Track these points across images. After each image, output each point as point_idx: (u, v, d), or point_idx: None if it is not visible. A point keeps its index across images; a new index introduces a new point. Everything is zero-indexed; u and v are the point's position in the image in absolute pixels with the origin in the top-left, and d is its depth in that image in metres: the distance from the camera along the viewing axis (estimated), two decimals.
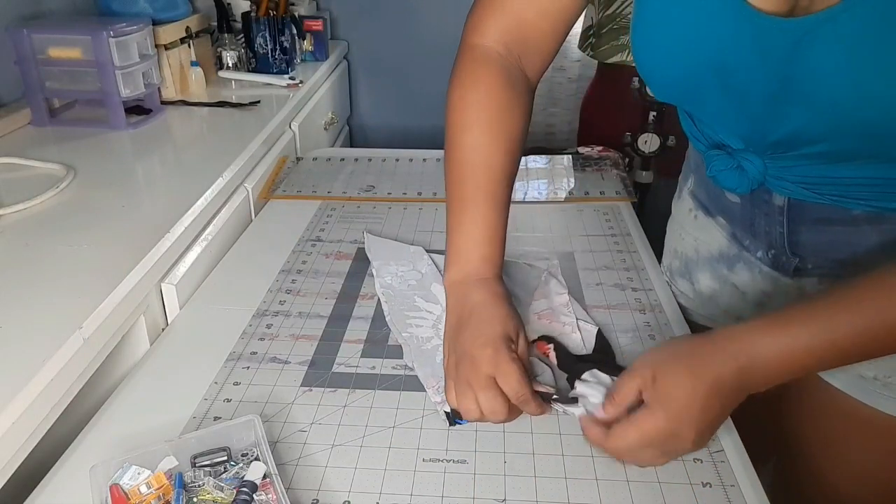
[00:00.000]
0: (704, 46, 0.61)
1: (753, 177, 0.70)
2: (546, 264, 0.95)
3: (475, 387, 0.62)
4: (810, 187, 0.68)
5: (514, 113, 0.74)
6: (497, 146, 0.72)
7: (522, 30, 0.74)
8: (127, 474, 0.57)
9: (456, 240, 0.73)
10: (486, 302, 0.69)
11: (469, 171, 0.72)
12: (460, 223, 0.73)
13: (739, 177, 0.71)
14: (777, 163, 0.68)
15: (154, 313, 0.86)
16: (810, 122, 0.59)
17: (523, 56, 0.75)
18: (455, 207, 0.73)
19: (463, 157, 0.73)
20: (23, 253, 0.84)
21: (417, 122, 2.15)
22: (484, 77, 0.73)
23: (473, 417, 0.63)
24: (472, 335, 0.66)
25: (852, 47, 0.52)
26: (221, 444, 0.61)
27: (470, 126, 0.73)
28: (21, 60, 1.22)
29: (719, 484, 0.61)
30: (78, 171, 1.06)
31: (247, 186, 1.16)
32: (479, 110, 0.73)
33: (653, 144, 1.63)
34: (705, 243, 0.86)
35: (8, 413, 0.59)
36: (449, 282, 0.73)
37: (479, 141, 0.72)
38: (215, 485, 0.57)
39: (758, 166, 0.69)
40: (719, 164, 0.72)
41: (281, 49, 1.67)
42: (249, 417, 0.63)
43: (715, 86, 0.63)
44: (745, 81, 0.60)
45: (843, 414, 0.74)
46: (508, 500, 0.60)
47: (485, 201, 0.72)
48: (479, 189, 0.72)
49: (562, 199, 1.16)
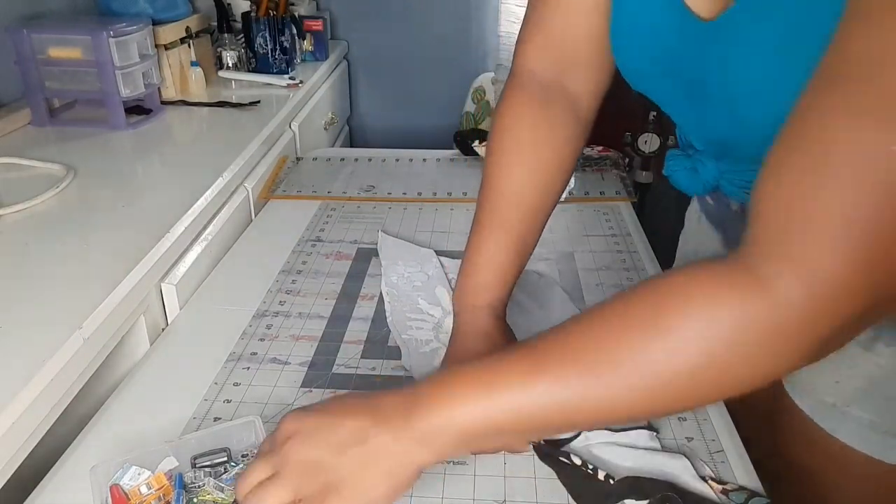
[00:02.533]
0: (651, 45, 0.61)
1: (706, 179, 0.69)
2: (546, 264, 0.95)
3: None
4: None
5: (548, 143, 0.70)
6: (520, 176, 0.70)
7: (565, 48, 0.70)
8: (127, 475, 0.58)
9: (463, 261, 0.72)
10: (464, 335, 0.68)
11: (489, 199, 0.71)
12: (470, 249, 0.71)
13: (692, 178, 0.70)
14: (726, 166, 0.68)
15: (154, 313, 0.86)
16: (728, 126, 0.59)
17: (568, 76, 0.71)
18: (472, 233, 0.72)
19: (487, 185, 0.71)
20: (23, 253, 0.84)
21: (417, 122, 2.15)
22: (521, 104, 0.71)
23: None
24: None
25: (739, 53, 0.53)
26: (222, 445, 0.61)
27: (497, 153, 0.71)
28: (21, 60, 1.22)
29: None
30: (78, 171, 1.06)
31: (247, 186, 1.16)
32: (511, 140, 0.71)
33: (653, 144, 1.63)
34: (704, 247, 0.86)
35: (8, 413, 0.59)
36: (457, 303, 0.72)
37: (504, 171, 0.70)
38: (215, 485, 0.57)
39: (711, 170, 0.68)
40: (675, 165, 0.72)
41: (281, 49, 1.67)
42: (250, 418, 0.63)
43: (666, 85, 0.63)
44: (681, 82, 0.61)
45: (809, 440, 0.71)
46: (508, 501, 0.60)
47: (495, 230, 0.70)
48: (492, 217, 0.70)
49: (562, 200, 1.15)
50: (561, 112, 0.71)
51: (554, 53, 0.70)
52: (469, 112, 2.01)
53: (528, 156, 0.70)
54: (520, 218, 0.69)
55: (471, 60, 2.09)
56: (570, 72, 0.71)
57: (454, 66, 2.09)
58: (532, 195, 0.70)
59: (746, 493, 0.59)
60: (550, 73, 0.71)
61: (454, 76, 2.06)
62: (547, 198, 0.71)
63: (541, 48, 0.71)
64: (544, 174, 0.70)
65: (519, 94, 0.71)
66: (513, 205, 0.69)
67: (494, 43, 2.06)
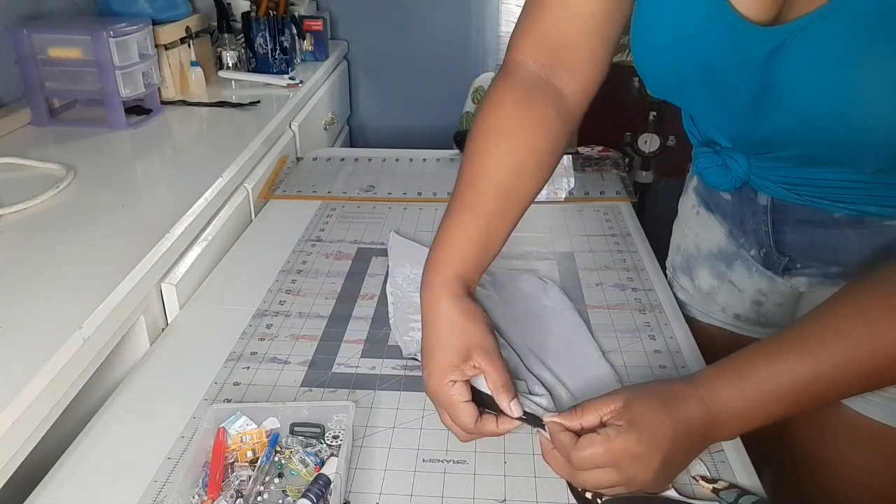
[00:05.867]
0: (692, 49, 0.62)
1: (737, 175, 0.71)
2: (546, 264, 0.95)
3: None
4: (790, 188, 0.69)
5: (526, 131, 0.70)
6: (494, 160, 0.69)
7: (558, 45, 0.71)
8: (238, 422, 0.64)
9: (431, 246, 0.71)
10: (432, 313, 0.65)
11: (463, 182, 0.70)
12: (439, 230, 0.70)
13: (723, 175, 0.72)
14: (760, 163, 0.69)
15: (154, 313, 0.86)
16: (783, 127, 0.60)
17: (558, 73, 0.72)
18: (443, 216, 0.71)
19: (462, 169, 0.71)
20: (23, 253, 0.84)
21: (417, 122, 2.15)
22: (503, 93, 0.72)
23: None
24: (424, 355, 0.64)
25: (819, 59, 0.53)
26: (320, 420, 0.66)
27: (476, 138, 0.71)
28: (21, 60, 1.22)
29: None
30: (78, 171, 1.06)
31: (247, 186, 1.16)
32: (490, 125, 0.71)
33: (653, 144, 1.63)
34: (706, 239, 0.86)
35: (8, 413, 0.59)
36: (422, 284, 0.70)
37: (478, 154, 0.70)
38: (301, 459, 0.62)
39: (742, 165, 0.70)
40: (705, 162, 0.73)
41: (281, 49, 1.67)
42: (348, 402, 0.67)
43: (702, 86, 0.64)
44: (728, 84, 0.61)
45: (836, 419, 0.74)
46: (508, 500, 0.60)
47: (464, 210, 0.69)
48: (464, 198, 0.69)
49: (562, 199, 1.16)
50: (544, 106, 0.71)
51: (545, 52, 0.71)
52: (469, 112, 2.01)
53: (504, 142, 0.70)
54: (490, 201, 0.69)
55: (471, 60, 2.09)
56: (560, 72, 0.72)
57: (454, 66, 2.09)
58: (505, 180, 0.69)
59: (737, 492, 0.59)
60: (539, 70, 0.72)
61: (454, 76, 2.07)
62: (521, 184, 0.70)
63: (533, 46, 0.72)
64: (520, 161, 0.69)
65: (505, 84, 0.72)
66: (485, 188, 0.69)
67: (494, 43, 2.06)
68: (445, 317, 0.64)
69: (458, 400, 0.61)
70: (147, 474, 0.62)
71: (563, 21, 0.70)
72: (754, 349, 0.58)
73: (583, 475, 0.57)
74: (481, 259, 0.68)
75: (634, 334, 0.81)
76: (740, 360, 0.58)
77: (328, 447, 0.64)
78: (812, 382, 0.55)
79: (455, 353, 0.62)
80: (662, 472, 0.56)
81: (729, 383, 0.57)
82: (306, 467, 0.61)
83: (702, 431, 0.56)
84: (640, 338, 0.81)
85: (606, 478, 0.56)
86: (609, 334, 0.81)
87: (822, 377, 0.55)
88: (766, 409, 0.56)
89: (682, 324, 0.84)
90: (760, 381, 0.56)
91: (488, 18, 2.05)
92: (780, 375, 0.55)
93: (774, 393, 0.55)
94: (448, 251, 0.67)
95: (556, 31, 0.71)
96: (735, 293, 0.84)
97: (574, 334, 0.80)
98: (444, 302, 0.64)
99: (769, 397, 0.56)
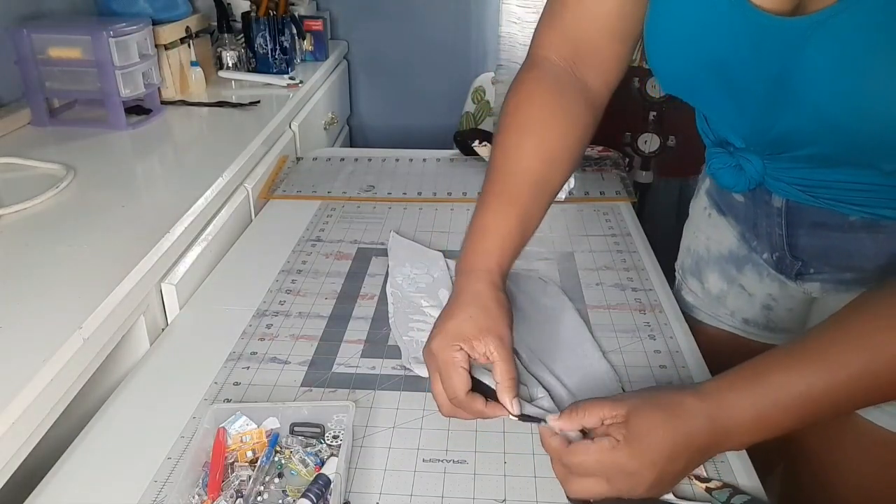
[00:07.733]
0: (705, 43, 0.61)
1: (751, 176, 0.70)
2: (546, 264, 0.95)
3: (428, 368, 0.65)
4: (806, 190, 0.68)
5: (556, 122, 0.71)
6: (528, 151, 0.70)
7: (578, 42, 0.73)
8: (238, 422, 0.64)
9: (467, 230, 0.72)
10: (456, 296, 0.67)
11: (497, 172, 0.71)
12: (475, 218, 0.71)
13: (737, 175, 0.71)
14: (775, 163, 0.69)
15: (154, 313, 0.86)
16: (798, 125, 0.59)
17: (581, 68, 0.74)
18: (477, 204, 0.72)
19: (494, 158, 0.72)
20: (23, 253, 0.84)
21: (417, 122, 2.15)
22: (532, 85, 0.72)
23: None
24: (440, 318, 0.65)
25: (838, 53, 0.52)
26: (321, 421, 0.66)
27: (508, 129, 0.72)
28: (21, 60, 1.22)
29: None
30: (78, 171, 1.06)
31: (247, 186, 1.16)
32: (522, 116, 0.71)
33: (653, 144, 1.63)
34: (717, 242, 0.86)
35: (8, 413, 0.59)
36: (456, 271, 0.72)
37: (512, 145, 0.71)
38: (300, 459, 0.62)
39: (756, 166, 0.69)
40: (718, 162, 0.73)
41: (281, 49, 1.67)
42: (348, 403, 0.67)
43: (715, 82, 0.63)
44: (743, 79, 0.61)
45: (845, 426, 0.73)
46: (508, 500, 0.60)
47: (500, 200, 0.70)
48: (499, 188, 0.70)
49: (562, 200, 1.16)
50: (572, 96, 0.73)
51: (569, 47, 0.73)
52: (469, 112, 2.01)
53: (537, 132, 0.71)
54: (525, 190, 0.70)
55: (471, 60, 2.09)
56: (584, 65, 0.73)
57: (454, 66, 2.09)
58: (539, 169, 0.70)
59: (729, 491, 0.59)
60: (564, 63, 0.73)
61: (454, 76, 2.07)
62: (553, 174, 0.71)
63: (556, 41, 0.73)
64: (552, 151, 0.71)
65: (532, 76, 0.73)
66: (519, 177, 0.70)
67: (494, 43, 2.06)
68: (479, 298, 0.65)
69: (458, 363, 0.61)
70: (147, 474, 0.62)
71: (583, 20, 0.72)
72: (769, 357, 0.56)
73: (573, 481, 0.56)
74: (517, 248, 0.70)
75: (634, 334, 0.81)
76: (755, 369, 0.56)
77: (328, 447, 0.64)
78: (829, 393, 0.53)
79: (475, 327, 0.63)
80: (654, 487, 0.55)
81: (742, 394, 0.55)
82: (306, 467, 0.61)
83: (704, 447, 0.55)
84: (639, 338, 0.81)
85: (597, 487, 0.55)
86: (609, 334, 0.81)
87: (841, 387, 0.53)
88: (779, 420, 0.55)
89: (683, 324, 0.84)
90: (775, 390, 0.54)
91: (488, 18, 2.05)
92: (796, 385, 0.53)
93: (789, 404, 0.54)
94: (487, 241, 0.68)
95: (575, 29, 0.72)
96: (745, 297, 0.84)
97: (574, 334, 0.80)
98: (481, 286, 0.66)
99: (783, 408, 0.54)
